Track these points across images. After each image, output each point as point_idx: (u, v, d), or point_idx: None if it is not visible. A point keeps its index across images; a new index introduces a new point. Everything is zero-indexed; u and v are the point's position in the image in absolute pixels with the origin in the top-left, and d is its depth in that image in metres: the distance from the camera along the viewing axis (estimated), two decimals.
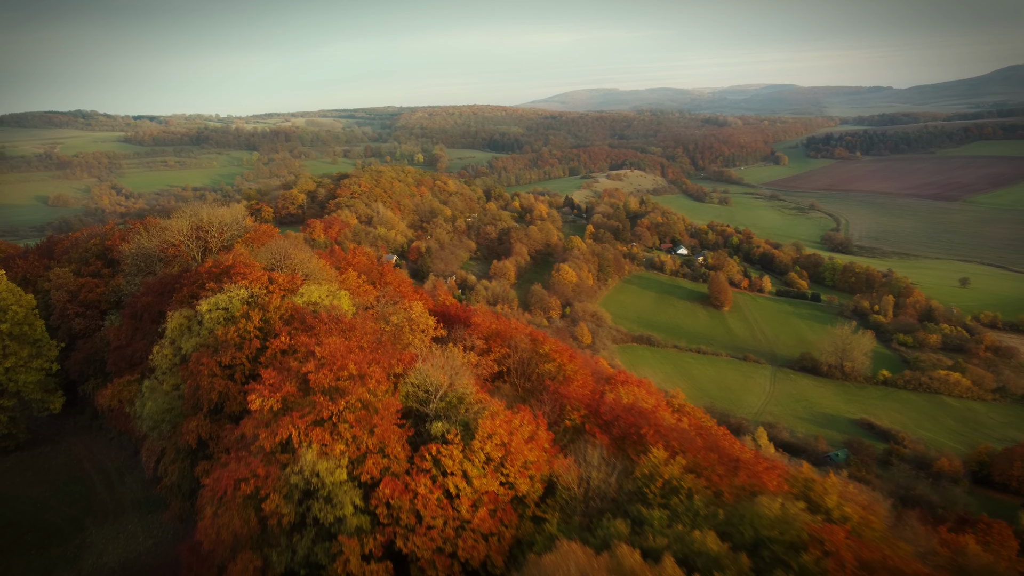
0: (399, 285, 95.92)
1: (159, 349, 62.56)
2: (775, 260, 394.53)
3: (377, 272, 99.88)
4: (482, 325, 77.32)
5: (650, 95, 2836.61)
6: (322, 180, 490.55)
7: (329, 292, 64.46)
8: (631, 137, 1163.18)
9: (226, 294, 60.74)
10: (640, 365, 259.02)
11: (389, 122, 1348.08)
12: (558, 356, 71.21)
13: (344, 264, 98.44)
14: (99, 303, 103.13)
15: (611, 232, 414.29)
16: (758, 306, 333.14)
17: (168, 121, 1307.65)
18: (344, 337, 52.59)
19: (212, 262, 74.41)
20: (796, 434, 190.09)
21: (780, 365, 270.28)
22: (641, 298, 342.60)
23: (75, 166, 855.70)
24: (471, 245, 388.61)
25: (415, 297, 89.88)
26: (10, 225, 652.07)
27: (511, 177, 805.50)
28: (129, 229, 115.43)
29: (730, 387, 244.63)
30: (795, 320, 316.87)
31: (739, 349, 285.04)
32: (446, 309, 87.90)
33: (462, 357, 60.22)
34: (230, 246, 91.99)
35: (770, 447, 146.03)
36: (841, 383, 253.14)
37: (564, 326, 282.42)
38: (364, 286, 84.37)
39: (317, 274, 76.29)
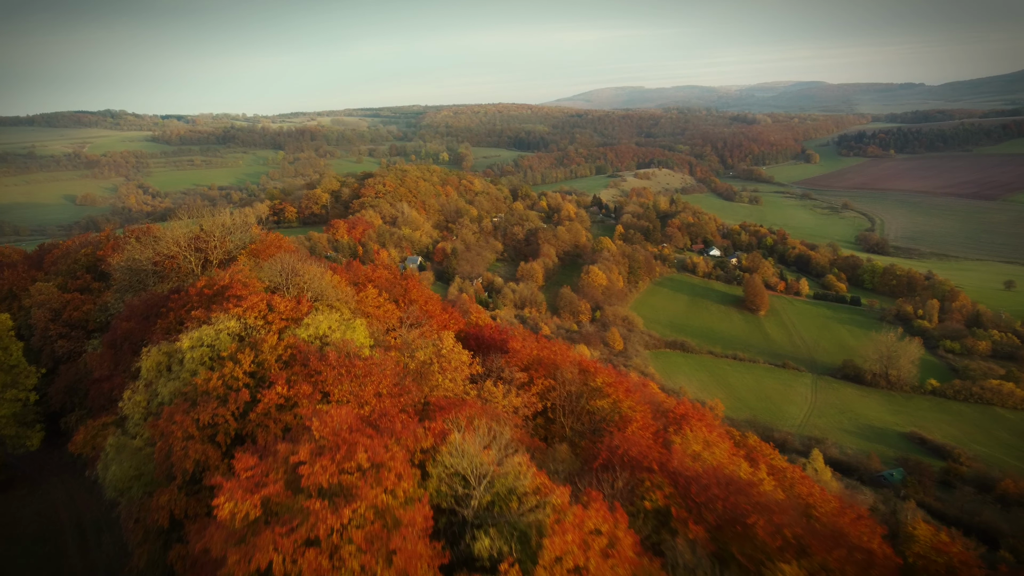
0: (425, 302, 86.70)
1: (131, 394, 51.54)
2: (811, 262, 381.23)
3: (400, 288, 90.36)
4: (522, 351, 67.87)
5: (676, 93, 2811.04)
6: (346, 179, 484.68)
7: (341, 322, 54.72)
8: (658, 135, 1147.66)
9: (213, 327, 51.13)
10: (674, 373, 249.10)
11: (414, 121, 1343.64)
12: (613, 391, 60.97)
13: (363, 280, 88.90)
14: (86, 322, 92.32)
15: (641, 233, 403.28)
16: (795, 310, 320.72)
17: (195, 120, 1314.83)
18: (358, 384, 43.26)
19: (205, 281, 64.97)
20: (846, 451, 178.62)
21: (821, 373, 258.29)
22: (673, 301, 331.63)
23: (103, 165, 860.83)
24: (497, 246, 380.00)
25: (443, 317, 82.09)
26: (38, 224, 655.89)
27: (537, 176, 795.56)
28: (123, 237, 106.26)
29: (769, 397, 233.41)
30: (835, 325, 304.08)
31: (777, 356, 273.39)
32: (479, 332, 78.97)
33: (503, 400, 51.10)
34: (233, 258, 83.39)
35: (826, 471, 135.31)
36: (887, 393, 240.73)
37: (594, 331, 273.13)
38: (385, 305, 75.86)
39: (329, 294, 67.61)
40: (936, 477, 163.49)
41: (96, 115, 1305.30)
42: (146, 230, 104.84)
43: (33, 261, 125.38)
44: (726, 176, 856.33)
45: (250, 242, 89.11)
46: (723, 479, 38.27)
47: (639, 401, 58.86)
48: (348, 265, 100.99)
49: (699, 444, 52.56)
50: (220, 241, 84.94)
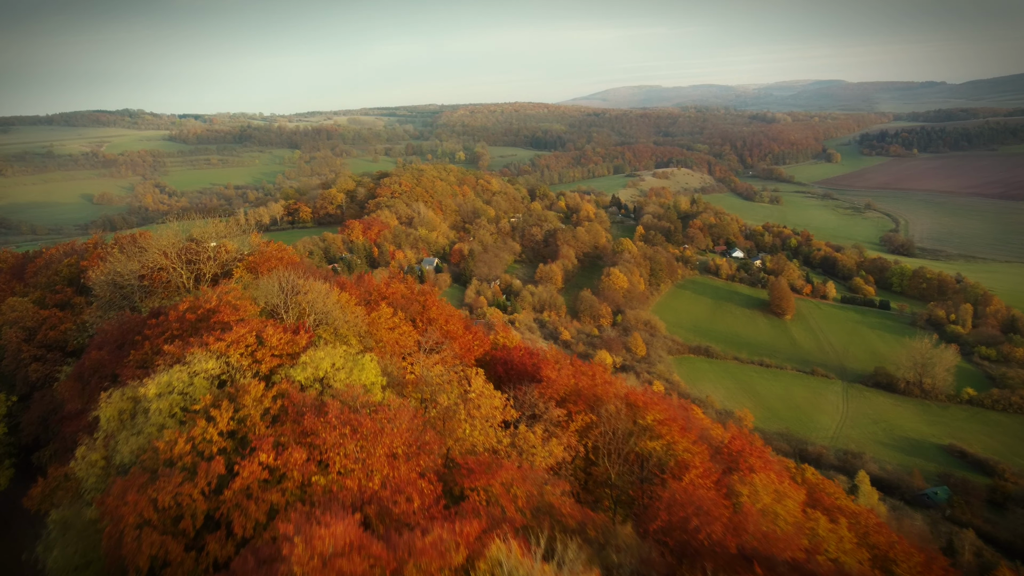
0: (446, 321, 78.62)
1: (85, 451, 41.52)
2: (837, 264, 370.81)
3: (418, 305, 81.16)
4: (557, 381, 59.72)
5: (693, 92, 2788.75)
6: (362, 179, 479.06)
7: (347, 358, 45.31)
8: (676, 134, 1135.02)
9: (188, 368, 41.68)
10: (699, 380, 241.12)
11: (430, 120, 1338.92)
12: (666, 430, 52.74)
13: (375, 296, 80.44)
14: (64, 343, 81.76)
15: (662, 234, 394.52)
16: (823, 314, 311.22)
17: (212, 120, 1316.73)
18: (365, 447, 34.39)
19: (188, 303, 55.97)
20: (885, 466, 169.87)
21: (851, 380, 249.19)
22: (696, 305, 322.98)
23: (120, 164, 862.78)
24: (516, 247, 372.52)
25: (466, 338, 74.68)
26: (56, 223, 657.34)
27: (554, 175, 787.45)
28: (111, 246, 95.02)
29: (799, 406, 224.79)
30: (864, 330, 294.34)
31: (805, 362, 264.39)
32: (507, 355, 70.84)
33: (542, 451, 43.61)
34: (228, 272, 76.09)
35: (873, 494, 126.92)
36: (921, 402, 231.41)
37: (616, 335, 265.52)
38: (401, 326, 68.21)
39: (336, 316, 59.99)
40: (983, 496, 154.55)
41: (114, 114, 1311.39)
42: (131, 239, 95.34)
43: (15, 270, 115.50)
44: (745, 176, 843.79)
45: (248, 253, 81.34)
46: None
47: (695, 441, 51.06)
48: (359, 279, 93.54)
49: (768, 495, 45.25)
50: (213, 252, 77.32)
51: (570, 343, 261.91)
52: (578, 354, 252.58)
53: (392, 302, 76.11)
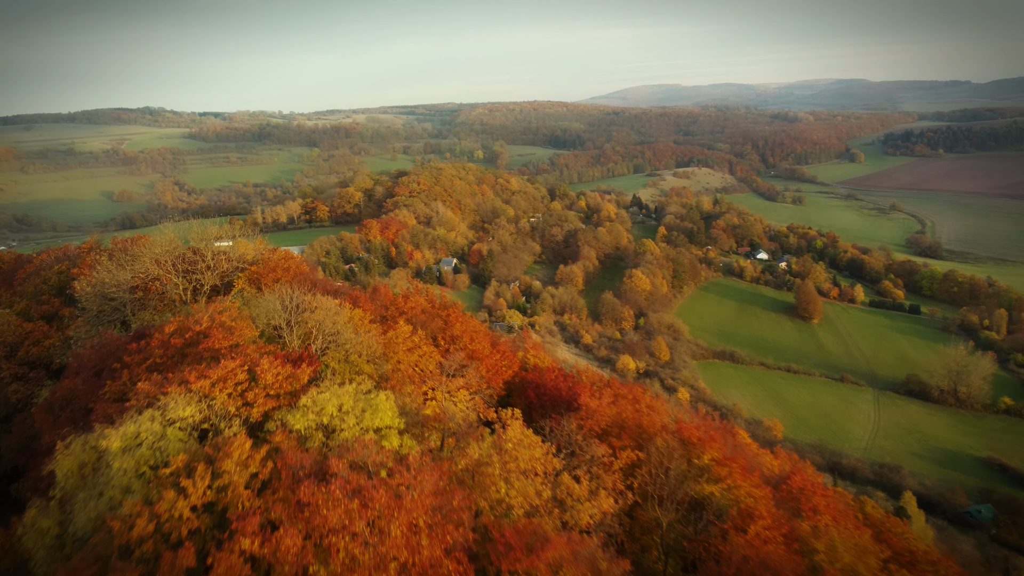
0: (471, 339, 71.10)
1: (35, 517, 34.15)
2: (864, 266, 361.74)
3: (440, 321, 72.74)
4: (598, 410, 52.01)
5: (713, 91, 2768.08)
6: (380, 178, 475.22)
7: (357, 398, 37.95)
8: (696, 133, 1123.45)
9: (161, 415, 34.47)
10: (725, 386, 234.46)
11: (449, 118, 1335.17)
12: (727, 472, 45.36)
13: (392, 312, 72.44)
14: (48, 360, 73.19)
15: (685, 234, 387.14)
16: (851, 318, 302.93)
17: (232, 118, 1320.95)
18: (377, 525, 27.58)
19: (176, 324, 48.70)
20: (924, 481, 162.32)
21: (882, 388, 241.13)
22: (720, 308, 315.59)
23: (140, 162, 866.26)
24: (535, 248, 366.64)
25: (493, 359, 67.44)
26: (76, 220, 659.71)
27: (573, 174, 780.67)
28: (107, 250, 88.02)
29: (829, 414, 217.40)
30: (894, 335, 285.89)
31: (833, 368, 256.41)
32: (539, 378, 63.71)
33: (589, 507, 37.53)
34: (230, 283, 70.34)
35: (920, 516, 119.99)
36: (956, 411, 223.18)
37: (638, 340, 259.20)
38: (421, 347, 61.28)
39: (347, 338, 53.04)
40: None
41: (135, 112, 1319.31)
42: (125, 244, 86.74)
43: (5, 276, 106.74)
44: (767, 175, 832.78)
45: (250, 262, 75.19)
46: None
47: (757, 484, 44.44)
48: (373, 292, 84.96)
49: (848, 551, 39.33)
50: (213, 262, 70.61)
51: (592, 347, 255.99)
52: (600, 359, 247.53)
53: (411, 318, 69.86)
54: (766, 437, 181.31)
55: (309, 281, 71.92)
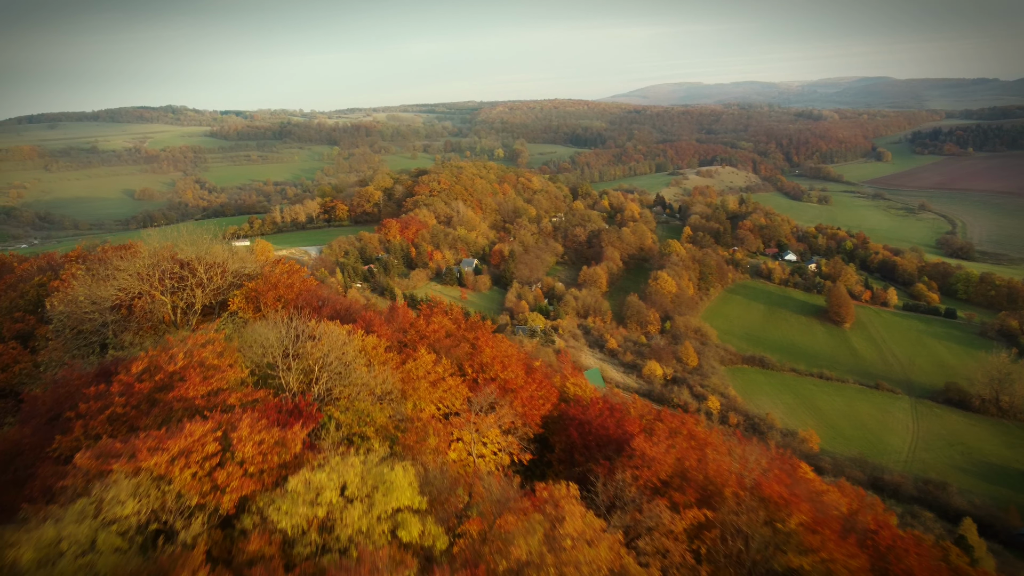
0: (503, 365, 61.29)
1: None
2: (897, 268, 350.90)
3: (467, 345, 63.37)
4: (657, 458, 43.22)
5: (735, 89, 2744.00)
6: (399, 176, 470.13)
7: (366, 475, 29.75)
8: (719, 132, 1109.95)
9: (90, 514, 25.55)
10: (755, 393, 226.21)
11: (469, 117, 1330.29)
12: (819, 541, 36.72)
13: (413, 337, 63.17)
14: (16, 387, 62.65)
15: (711, 235, 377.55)
16: (883, 322, 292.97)
17: (253, 116, 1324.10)
18: None
19: (146, 362, 40.10)
20: (973, 499, 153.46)
21: (919, 396, 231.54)
22: (748, 311, 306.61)
23: (162, 160, 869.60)
24: (558, 248, 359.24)
25: (529, 389, 58.97)
26: (97, 218, 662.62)
27: (594, 173, 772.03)
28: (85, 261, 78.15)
29: (866, 424, 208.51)
30: (929, 340, 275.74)
31: (867, 375, 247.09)
32: (583, 413, 55.61)
33: None
34: (224, 301, 63.50)
35: (981, 545, 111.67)
36: (998, 421, 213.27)
37: (665, 344, 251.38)
38: (446, 380, 53.41)
39: (358, 375, 44.98)
40: None
41: (158, 110, 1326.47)
42: (104, 256, 75.11)
43: None
44: (792, 175, 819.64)
45: (248, 276, 67.07)
46: None
47: (854, 550, 36.86)
48: (391, 313, 74.96)
49: None
50: (205, 276, 62.40)
51: (617, 352, 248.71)
52: (626, 364, 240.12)
53: (434, 343, 61.78)
54: (802, 450, 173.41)
55: (316, 299, 65.64)
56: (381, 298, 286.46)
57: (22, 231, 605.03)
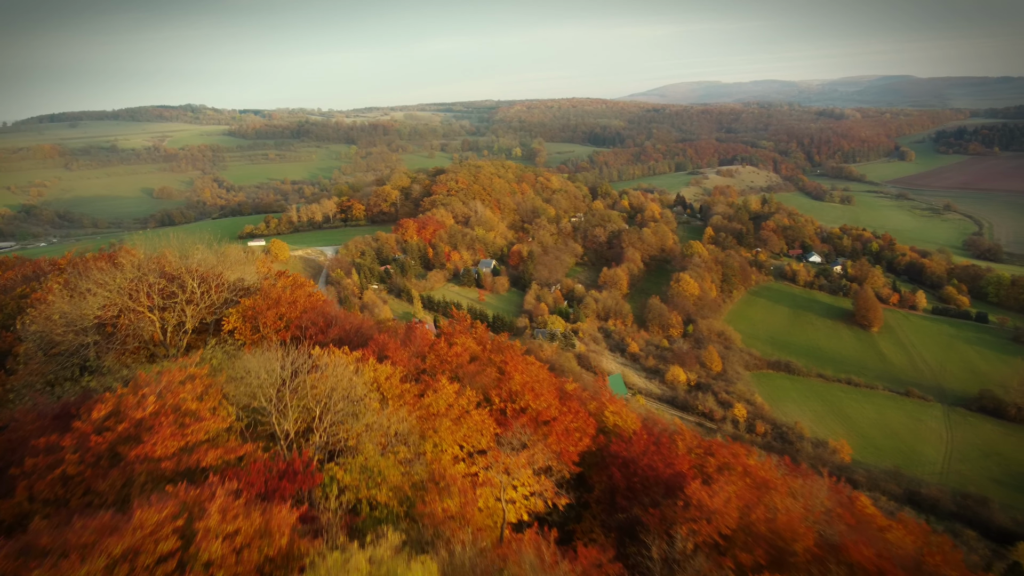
0: (535, 392, 52.79)
1: None
2: (925, 271, 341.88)
3: (494, 371, 54.82)
4: (718, 510, 36.58)
5: (754, 87, 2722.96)
6: (417, 176, 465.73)
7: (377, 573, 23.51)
8: (739, 131, 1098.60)
9: None
10: (781, 399, 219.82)
11: (487, 116, 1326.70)
12: None
13: (433, 362, 54.62)
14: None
15: (733, 236, 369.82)
16: (912, 327, 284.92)
17: (272, 115, 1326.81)
18: None
19: (112, 405, 33.82)
20: (1016, 516, 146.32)
21: (951, 403, 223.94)
22: (772, 314, 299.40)
23: (181, 159, 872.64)
24: (577, 249, 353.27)
25: (565, 421, 50.97)
26: (116, 217, 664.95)
27: (613, 172, 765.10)
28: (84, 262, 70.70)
29: (897, 433, 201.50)
30: (961, 345, 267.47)
31: (897, 381, 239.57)
32: (628, 453, 47.70)
33: None
34: (219, 320, 57.62)
35: None
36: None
37: (688, 348, 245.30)
38: (471, 413, 45.64)
39: (368, 416, 38.11)
40: None
41: (177, 109, 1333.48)
42: (85, 266, 66.00)
43: None
44: (814, 174, 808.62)
45: (246, 292, 61.13)
46: None
47: None
48: (408, 335, 63.08)
49: None
50: (198, 291, 55.65)
51: (639, 356, 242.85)
52: (648, 369, 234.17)
53: (456, 369, 54.50)
54: (833, 461, 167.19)
55: (323, 318, 59.34)
56: (398, 300, 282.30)
57: (42, 229, 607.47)
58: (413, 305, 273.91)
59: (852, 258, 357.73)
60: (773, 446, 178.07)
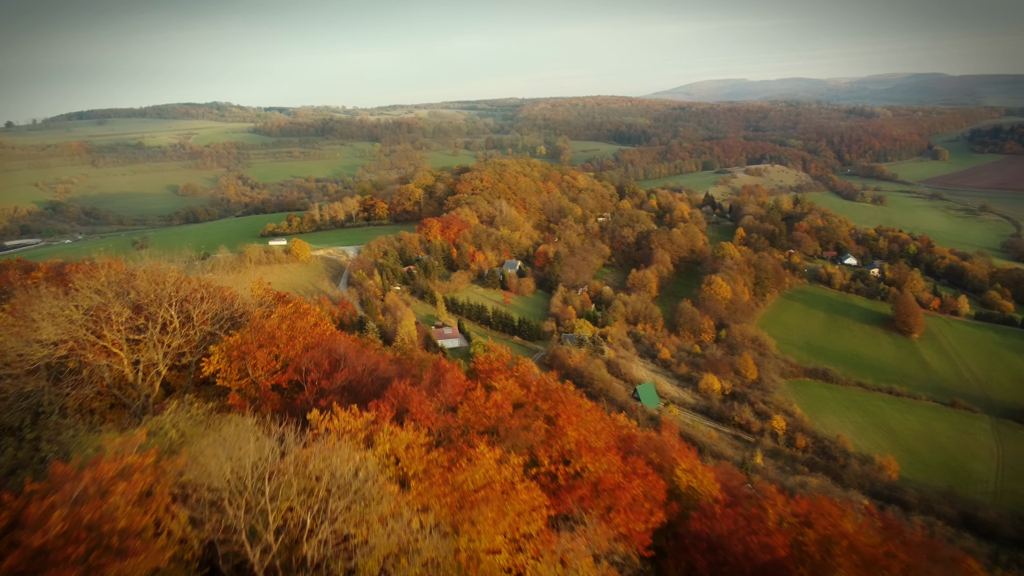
0: (594, 451, 42.60)
1: None
2: (965, 274, 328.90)
3: (542, 423, 44.23)
4: None
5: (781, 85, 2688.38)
6: (441, 174, 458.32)
7: None
8: (767, 129, 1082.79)
9: None
10: (820, 409, 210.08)
11: (511, 113, 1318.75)
12: None
13: (467, 415, 42.39)
14: None
15: (765, 237, 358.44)
16: (955, 333, 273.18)
17: (296, 112, 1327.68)
18: None
19: (9, 517, 23.40)
20: None
21: (999, 415, 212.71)
22: (808, 319, 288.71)
23: (206, 156, 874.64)
24: (605, 250, 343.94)
25: (632, 487, 40.24)
26: (141, 214, 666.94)
27: (639, 171, 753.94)
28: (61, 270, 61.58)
29: (945, 447, 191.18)
30: (1007, 353, 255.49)
31: (941, 391, 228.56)
32: (711, 528, 39.06)
33: None
34: (199, 359, 46.95)
35: None
36: None
37: (721, 354, 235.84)
38: (518, 490, 34.60)
39: (382, 497, 28.39)
40: None
41: (203, 107, 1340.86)
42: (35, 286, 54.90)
43: None
44: (844, 173, 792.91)
45: (235, 323, 51.30)
46: None
47: None
48: (435, 379, 47.59)
49: None
50: (176, 320, 45.87)
51: (670, 363, 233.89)
52: (680, 377, 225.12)
53: (496, 423, 42.25)
54: (880, 479, 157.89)
55: (329, 356, 48.00)
56: (421, 301, 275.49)
57: (68, 226, 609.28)
58: (436, 307, 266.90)
59: (889, 261, 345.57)
60: (817, 463, 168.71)
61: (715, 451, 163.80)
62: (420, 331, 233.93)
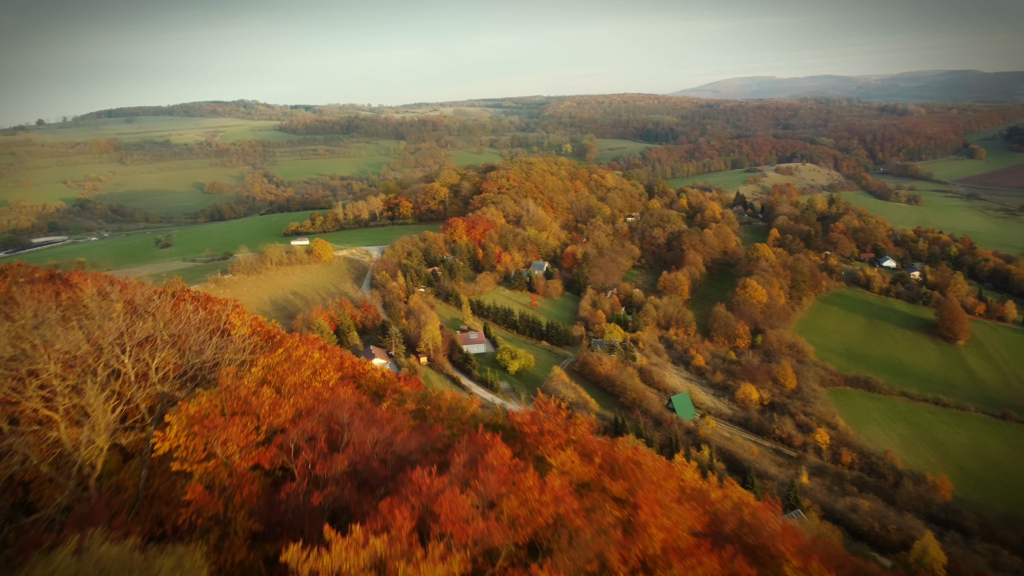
0: (684, 555, 28.94)
1: None
2: (1011, 278, 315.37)
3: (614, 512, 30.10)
4: None
5: (811, 83, 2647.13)
6: (466, 172, 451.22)
7: None
8: (797, 127, 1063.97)
9: None
10: (864, 421, 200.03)
11: (537, 111, 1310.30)
12: None
13: (519, 511, 27.69)
14: None
15: (800, 238, 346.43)
16: (1003, 340, 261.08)
17: (322, 110, 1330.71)
18: None
19: None
20: None
21: None
22: (846, 324, 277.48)
23: (232, 154, 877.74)
24: (634, 251, 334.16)
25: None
26: (167, 211, 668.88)
27: (666, 169, 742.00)
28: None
29: (999, 464, 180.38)
30: None
31: (990, 402, 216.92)
32: None
33: None
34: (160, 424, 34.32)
35: None
36: None
37: (758, 362, 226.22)
38: None
39: None
40: None
41: (230, 105, 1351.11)
42: None
43: None
44: (877, 172, 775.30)
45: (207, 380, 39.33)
46: None
47: None
48: (472, 456, 31.62)
49: None
50: (132, 373, 35.21)
51: (704, 370, 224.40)
52: (715, 385, 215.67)
53: (556, 519, 28.39)
54: (933, 499, 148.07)
55: (328, 427, 35.50)
56: (445, 304, 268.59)
57: (95, 223, 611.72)
58: (462, 310, 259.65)
59: (929, 263, 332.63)
60: (866, 482, 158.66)
61: (759, 469, 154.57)
62: (445, 336, 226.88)
